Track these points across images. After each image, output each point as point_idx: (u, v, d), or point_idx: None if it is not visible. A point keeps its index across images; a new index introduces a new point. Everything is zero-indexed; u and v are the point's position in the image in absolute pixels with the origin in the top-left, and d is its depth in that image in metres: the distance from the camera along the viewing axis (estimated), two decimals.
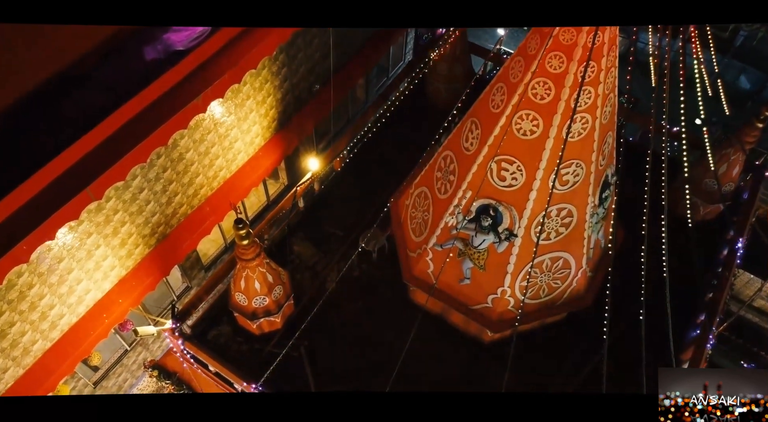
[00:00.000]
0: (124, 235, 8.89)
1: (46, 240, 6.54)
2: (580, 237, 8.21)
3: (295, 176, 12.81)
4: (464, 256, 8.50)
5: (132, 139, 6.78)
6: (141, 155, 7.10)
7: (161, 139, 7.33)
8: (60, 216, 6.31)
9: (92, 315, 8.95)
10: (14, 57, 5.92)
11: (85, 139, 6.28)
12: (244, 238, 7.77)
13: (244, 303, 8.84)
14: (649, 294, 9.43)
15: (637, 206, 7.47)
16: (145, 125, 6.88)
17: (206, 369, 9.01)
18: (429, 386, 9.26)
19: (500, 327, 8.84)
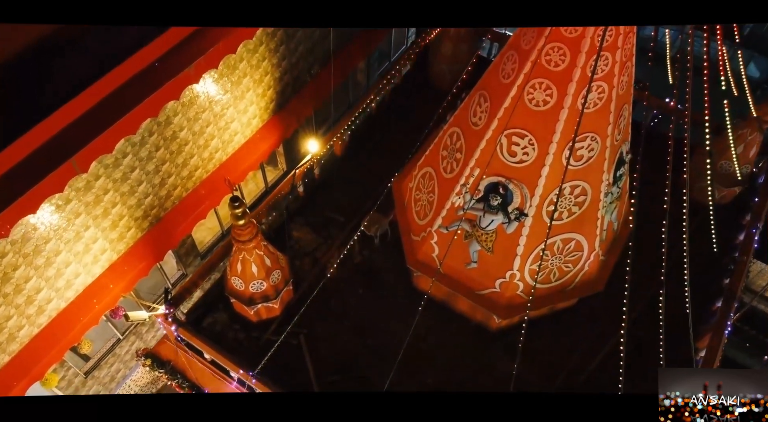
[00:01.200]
0: (115, 217, 8.49)
1: (27, 213, 6.14)
2: (593, 218, 7.82)
3: (294, 162, 12.40)
4: (471, 238, 8.11)
5: (120, 109, 6.38)
6: (130, 126, 6.70)
7: (151, 110, 6.93)
8: (43, 188, 5.91)
9: (82, 300, 8.56)
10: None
11: (70, 106, 5.88)
12: (240, 218, 7.38)
13: (241, 287, 8.45)
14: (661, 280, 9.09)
15: (648, 190, 7.12)
16: (134, 94, 6.48)
17: (201, 357, 8.63)
18: (433, 376, 8.90)
19: (509, 312, 8.46)
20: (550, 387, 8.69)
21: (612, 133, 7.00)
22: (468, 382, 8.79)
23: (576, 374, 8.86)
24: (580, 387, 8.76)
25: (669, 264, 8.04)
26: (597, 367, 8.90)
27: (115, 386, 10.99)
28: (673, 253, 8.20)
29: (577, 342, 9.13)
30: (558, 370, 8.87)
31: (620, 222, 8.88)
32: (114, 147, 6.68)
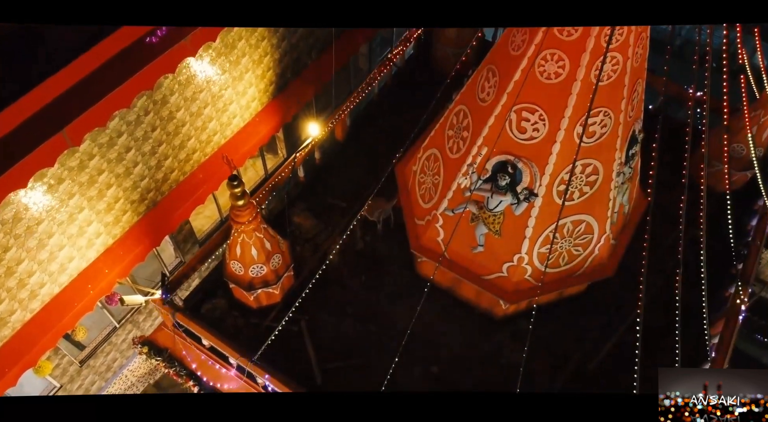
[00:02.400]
0: (110, 199, 8.23)
1: (17, 187, 5.88)
2: (604, 199, 7.56)
3: (295, 149, 12.14)
4: (478, 221, 7.86)
5: (114, 81, 6.11)
6: (123, 99, 6.44)
7: (145, 83, 6.66)
8: (33, 160, 5.65)
9: (76, 285, 8.31)
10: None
11: (60, 76, 5.61)
12: (240, 198, 7.12)
13: (240, 272, 8.19)
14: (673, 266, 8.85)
15: (660, 176, 6.86)
16: (129, 66, 6.21)
17: (199, 343, 8.37)
18: (438, 364, 8.65)
19: (516, 298, 8.20)
20: (557, 376, 8.44)
21: (626, 109, 6.74)
22: (473, 370, 8.55)
23: (584, 362, 8.63)
24: (589, 376, 8.52)
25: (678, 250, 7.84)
26: (607, 355, 8.67)
27: (111, 375, 10.75)
28: (686, 239, 7.99)
29: (585, 330, 8.89)
30: (566, 358, 8.62)
31: (631, 206, 8.62)
32: (107, 120, 6.42)
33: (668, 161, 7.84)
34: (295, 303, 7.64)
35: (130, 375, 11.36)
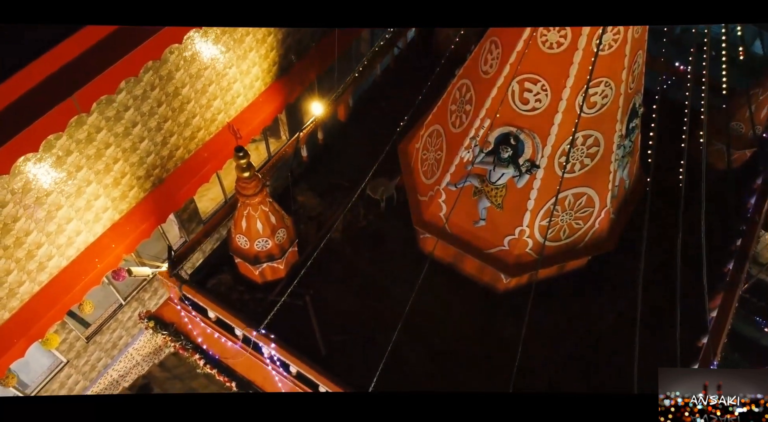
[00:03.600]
0: (117, 174, 8.33)
1: (28, 151, 5.97)
2: (605, 171, 7.66)
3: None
4: (480, 195, 7.96)
5: (122, 49, 6.20)
6: (131, 67, 6.52)
7: (153, 52, 6.75)
8: (43, 124, 5.74)
9: (83, 259, 8.41)
10: None
11: (70, 42, 5.70)
12: (245, 170, 7.22)
13: (246, 246, 8.30)
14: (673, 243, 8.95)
15: (660, 155, 6.94)
16: (136, 35, 6.30)
17: (205, 316, 8.49)
18: (440, 339, 8.76)
19: (517, 271, 8.31)
20: (558, 350, 8.56)
21: (626, 80, 6.83)
22: (474, 344, 8.67)
23: (585, 337, 8.75)
24: (589, 351, 8.64)
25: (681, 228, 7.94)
26: (607, 330, 8.80)
27: (117, 353, 10.87)
28: (685, 218, 8.10)
29: (586, 305, 9.01)
30: (567, 335, 8.74)
31: (632, 181, 8.72)
32: (116, 88, 6.52)
33: (668, 141, 7.95)
34: (301, 272, 7.76)
35: (135, 354, 11.48)
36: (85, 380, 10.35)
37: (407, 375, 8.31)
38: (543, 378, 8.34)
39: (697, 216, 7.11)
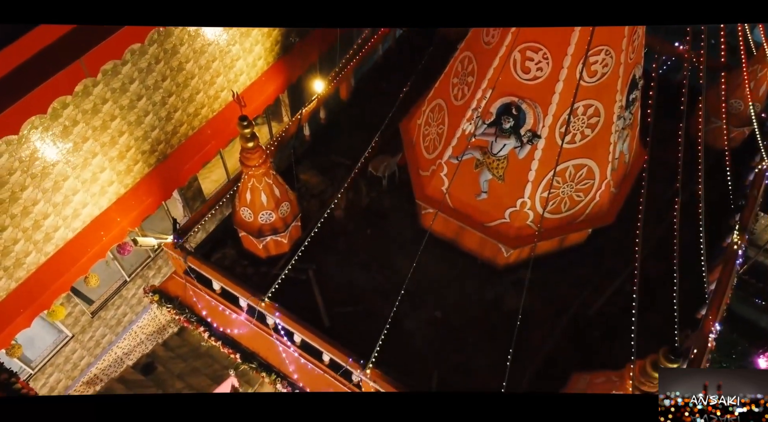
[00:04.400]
0: (122, 147, 8.42)
1: (36, 112, 6.06)
2: (605, 143, 7.75)
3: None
4: (482, 167, 8.06)
5: None
6: (138, 33, 6.61)
7: None
8: (52, 85, 5.82)
9: (89, 231, 8.50)
10: None
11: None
12: (250, 139, 7.31)
13: (250, 218, 8.39)
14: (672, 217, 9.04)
15: (659, 133, 7.02)
16: None
17: (209, 288, 8.58)
18: (442, 310, 8.87)
19: (518, 243, 8.41)
20: (557, 322, 8.66)
21: (626, 49, 6.92)
22: (476, 316, 8.77)
23: (585, 309, 8.85)
24: (588, 322, 8.74)
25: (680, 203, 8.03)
26: (606, 302, 8.90)
27: (121, 330, 10.97)
28: (685, 193, 8.20)
29: (585, 278, 9.10)
30: (566, 305, 8.84)
31: (631, 155, 8.82)
32: (122, 53, 6.60)
33: (666, 119, 8.04)
34: (303, 246, 7.87)
35: (140, 332, 11.58)
36: (90, 356, 10.45)
37: (408, 345, 8.42)
38: (541, 350, 8.44)
39: (697, 192, 7.22)
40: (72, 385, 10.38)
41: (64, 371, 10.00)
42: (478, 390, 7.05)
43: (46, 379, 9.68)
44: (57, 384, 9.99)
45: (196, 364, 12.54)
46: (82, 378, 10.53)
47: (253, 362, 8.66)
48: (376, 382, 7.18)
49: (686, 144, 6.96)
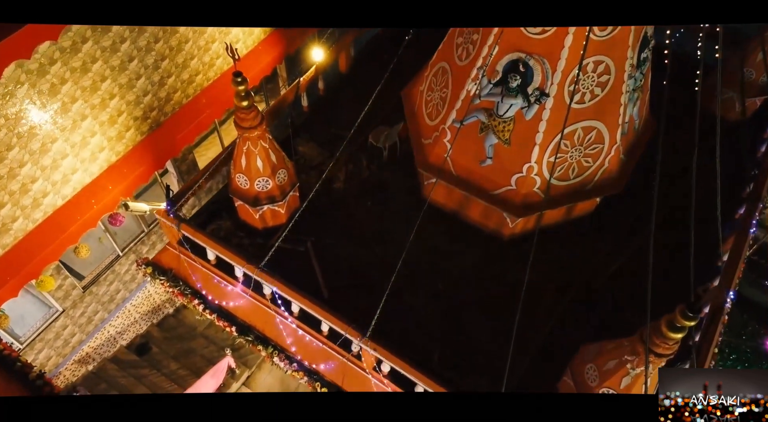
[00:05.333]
0: (113, 111, 8.11)
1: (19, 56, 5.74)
2: (616, 103, 7.45)
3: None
4: (487, 130, 7.75)
5: None
6: None
7: None
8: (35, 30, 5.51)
9: (79, 199, 8.21)
10: None
11: None
12: (244, 98, 7.00)
13: (246, 186, 8.09)
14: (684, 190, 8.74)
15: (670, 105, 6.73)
16: None
17: (204, 259, 8.27)
18: (444, 284, 8.57)
19: (524, 211, 8.11)
20: (564, 294, 8.37)
21: None
22: (479, 289, 8.48)
23: (593, 281, 8.56)
24: (596, 294, 8.43)
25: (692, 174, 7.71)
26: (615, 274, 8.61)
27: (114, 308, 10.66)
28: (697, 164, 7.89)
29: (593, 250, 8.81)
30: (573, 278, 8.54)
31: (641, 123, 8.52)
32: None
33: (678, 90, 7.74)
34: (300, 212, 7.57)
35: (133, 311, 11.28)
36: (82, 333, 10.15)
37: (409, 318, 8.12)
38: (547, 322, 8.15)
39: (709, 163, 6.94)
40: (63, 363, 10.08)
41: (54, 347, 9.69)
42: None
43: (36, 355, 9.37)
44: (47, 361, 9.69)
45: (192, 345, 12.26)
46: (73, 356, 10.22)
47: (250, 335, 8.37)
48: (376, 351, 6.87)
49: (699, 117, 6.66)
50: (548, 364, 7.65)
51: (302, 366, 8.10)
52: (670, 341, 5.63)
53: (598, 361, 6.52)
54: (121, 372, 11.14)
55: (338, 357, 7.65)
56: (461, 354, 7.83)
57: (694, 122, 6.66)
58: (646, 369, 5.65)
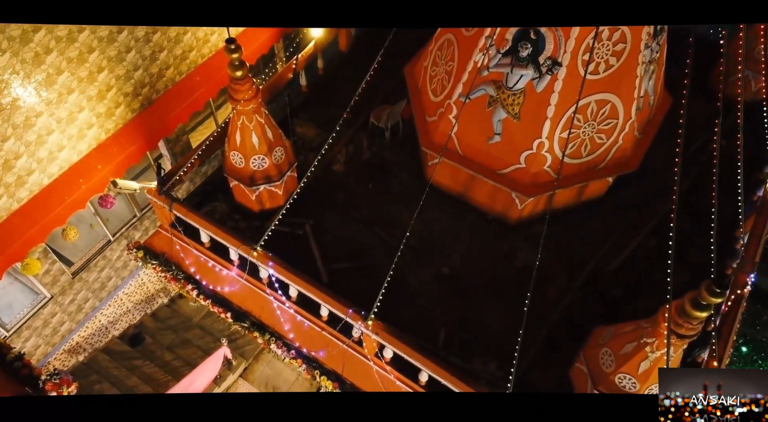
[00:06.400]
0: (101, 85, 7.72)
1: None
2: (631, 75, 7.07)
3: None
4: (496, 104, 7.37)
5: None
6: None
7: None
8: None
9: (67, 178, 7.82)
10: None
11: None
12: (238, 67, 6.60)
13: (241, 164, 7.69)
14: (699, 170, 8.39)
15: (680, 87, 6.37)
16: None
17: (197, 241, 7.88)
18: (449, 266, 8.18)
19: (533, 190, 7.73)
20: (575, 277, 7.99)
21: None
22: (486, 272, 8.09)
23: (604, 265, 8.17)
24: (606, 280, 8.05)
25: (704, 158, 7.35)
26: (627, 258, 8.23)
27: (106, 296, 10.27)
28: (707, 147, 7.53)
29: (605, 233, 8.43)
30: (584, 262, 8.16)
31: (656, 99, 8.13)
32: None
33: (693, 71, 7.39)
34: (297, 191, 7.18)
35: (126, 300, 10.89)
36: (71, 321, 9.76)
37: (413, 302, 7.74)
38: (557, 307, 7.77)
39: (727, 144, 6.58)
40: (52, 352, 9.69)
41: (42, 336, 9.30)
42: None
43: (23, 343, 8.98)
44: (35, 350, 9.30)
45: (187, 336, 11.87)
46: (62, 346, 9.83)
47: (246, 321, 7.98)
48: (378, 335, 6.49)
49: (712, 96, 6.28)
50: (558, 350, 7.28)
51: (300, 353, 7.72)
52: (693, 321, 5.25)
53: (614, 345, 6.14)
54: (113, 363, 10.75)
55: (338, 344, 7.27)
56: (467, 339, 7.46)
57: (711, 101, 6.32)
58: (668, 352, 5.28)
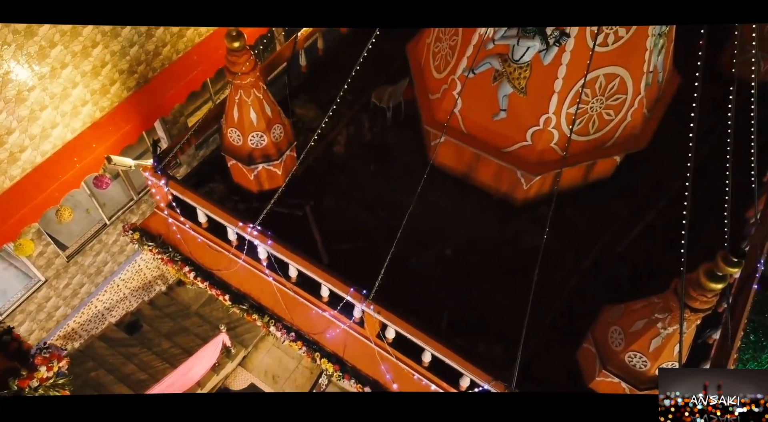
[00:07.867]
0: (96, 61, 7.52)
1: None
2: (641, 48, 6.87)
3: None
4: (501, 79, 7.16)
5: None
6: None
7: None
8: None
9: (61, 156, 7.63)
10: None
11: None
12: (235, 38, 6.41)
13: (239, 141, 7.49)
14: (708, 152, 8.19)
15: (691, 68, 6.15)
16: None
17: (195, 222, 7.68)
18: (453, 248, 7.98)
19: (540, 169, 7.53)
20: (583, 257, 7.79)
21: None
22: (490, 253, 7.90)
23: (612, 247, 7.98)
24: (614, 261, 7.85)
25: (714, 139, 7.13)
26: (636, 240, 8.04)
27: (102, 281, 10.07)
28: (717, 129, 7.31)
29: (612, 215, 8.23)
30: (591, 243, 7.96)
31: (665, 75, 7.92)
32: None
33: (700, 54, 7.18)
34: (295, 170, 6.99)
35: (123, 286, 10.69)
36: (66, 306, 9.56)
37: (415, 284, 7.55)
38: (564, 289, 7.57)
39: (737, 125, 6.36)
40: (46, 338, 9.51)
41: (36, 321, 9.11)
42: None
43: (16, 328, 8.78)
44: (29, 335, 9.12)
45: (185, 324, 11.68)
46: (57, 331, 9.65)
47: (244, 304, 7.80)
48: (380, 313, 6.30)
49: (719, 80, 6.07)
50: (565, 332, 7.09)
51: (300, 335, 7.53)
52: (708, 293, 5.05)
53: (624, 322, 5.95)
54: (110, 351, 10.57)
55: (339, 325, 7.07)
56: (472, 321, 7.26)
57: (719, 83, 6.12)
58: (680, 326, 5.09)
